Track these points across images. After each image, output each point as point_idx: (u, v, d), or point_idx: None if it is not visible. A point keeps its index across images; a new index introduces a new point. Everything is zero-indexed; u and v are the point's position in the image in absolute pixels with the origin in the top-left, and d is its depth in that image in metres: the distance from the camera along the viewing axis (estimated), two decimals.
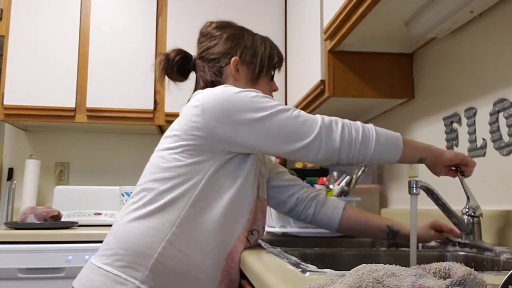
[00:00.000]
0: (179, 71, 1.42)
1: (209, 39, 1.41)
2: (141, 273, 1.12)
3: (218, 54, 1.37)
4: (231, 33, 1.40)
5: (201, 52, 1.41)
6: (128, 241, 1.16)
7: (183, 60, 1.41)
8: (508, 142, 1.34)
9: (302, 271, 0.84)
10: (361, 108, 2.30)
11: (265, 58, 1.41)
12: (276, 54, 1.46)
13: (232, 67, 1.36)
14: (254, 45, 1.41)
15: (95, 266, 1.18)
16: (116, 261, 1.15)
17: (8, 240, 2.16)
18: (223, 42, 1.38)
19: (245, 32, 1.43)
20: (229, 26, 1.43)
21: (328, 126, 1.17)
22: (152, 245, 1.14)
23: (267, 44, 1.44)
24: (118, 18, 2.79)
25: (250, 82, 1.39)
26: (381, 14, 1.61)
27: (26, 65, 2.67)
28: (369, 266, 0.63)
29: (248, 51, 1.39)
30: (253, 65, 1.39)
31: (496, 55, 1.42)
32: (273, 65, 1.45)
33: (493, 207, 1.40)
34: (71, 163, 3.04)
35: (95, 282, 1.15)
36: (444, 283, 0.56)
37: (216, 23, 1.44)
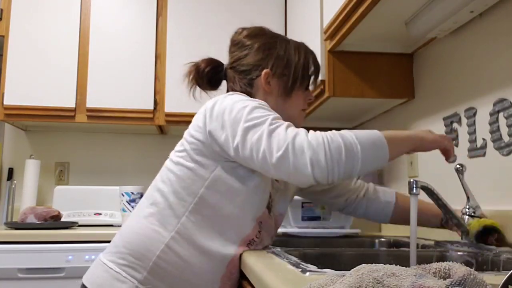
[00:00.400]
0: (210, 82, 1.38)
1: (239, 49, 1.35)
2: (140, 274, 1.13)
3: (249, 66, 1.32)
4: (262, 43, 1.33)
5: (232, 62, 1.36)
6: (130, 240, 1.18)
7: (214, 71, 1.37)
8: (508, 142, 1.34)
9: (302, 271, 0.84)
10: (361, 108, 2.30)
11: (299, 68, 1.33)
12: (312, 63, 1.38)
13: (263, 80, 1.30)
14: (287, 55, 1.33)
15: (101, 262, 1.20)
16: (119, 259, 1.17)
17: (8, 240, 2.16)
18: (254, 53, 1.32)
19: (277, 40, 1.36)
20: (261, 34, 1.36)
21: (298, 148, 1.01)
22: (152, 247, 1.14)
23: (301, 52, 1.36)
24: (118, 18, 2.79)
25: (282, 95, 1.32)
26: (381, 14, 1.62)
27: (26, 65, 2.67)
28: (369, 266, 0.63)
29: (280, 62, 1.32)
30: (285, 77, 1.32)
31: (496, 55, 1.42)
32: (308, 75, 1.37)
33: (493, 207, 1.40)
34: (71, 163, 3.04)
35: (98, 277, 1.18)
36: (444, 283, 0.56)
37: (248, 31, 1.37)
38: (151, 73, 2.76)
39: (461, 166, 1.37)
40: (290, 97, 1.33)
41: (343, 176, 1.02)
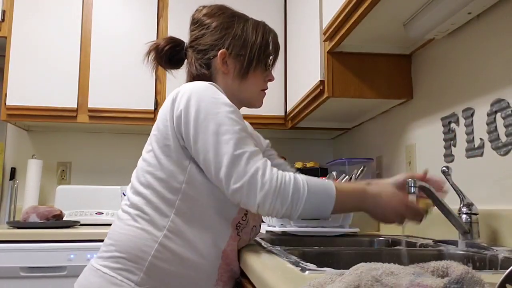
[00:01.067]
0: (170, 61, 1.37)
1: (198, 28, 1.33)
2: (136, 276, 1.12)
3: (206, 45, 1.30)
4: (220, 22, 1.31)
5: (190, 42, 1.35)
6: (123, 243, 1.16)
7: (173, 50, 1.35)
8: (505, 142, 1.35)
9: (302, 269, 0.84)
10: (360, 109, 2.31)
11: (255, 48, 1.31)
12: (271, 42, 1.35)
13: (219, 60, 1.28)
14: (244, 34, 1.31)
15: (94, 268, 1.18)
16: (113, 263, 1.15)
17: (11, 239, 2.17)
18: (211, 32, 1.30)
19: (235, 19, 1.33)
20: (220, 13, 1.33)
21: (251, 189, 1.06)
22: (146, 248, 1.14)
23: (259, 31, 1.33)
24: (120, 19, 2.80)
25: (238, 76, 1.30)
26: (380, 16, 1.62)
27: (28, 66, 2.68)
28: (368, 265, 0.63)
29: (237, 42, 1.30)
30: (242, 56, 1.30)
31: (493, 55, 1.44)
32: (266, 54, 1.34)
33: (490, 207, 1.41)
34: (73, 163, 3.05)
35: (93, 283, 1.16)
36: (442, 282, 0.56)
37: (207, 9, 1.35)
38: (152, 73, 2.76)
39: (447, 168, 1.38)
40: (247, 78, 1.31)
41: (281, 217, 1.10)
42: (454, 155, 1.63)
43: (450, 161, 1.65)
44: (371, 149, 2.44)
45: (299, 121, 2.58)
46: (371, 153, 2.43)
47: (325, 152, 3.23)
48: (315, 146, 3.24)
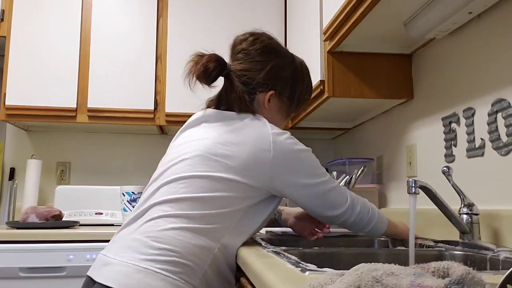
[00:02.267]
0: (212, 80, 1.37)
1: (249, 62, 1.37)
2: (194, 281, 1.18)
3: (255, 81, 1.36)
4: (273, 65, 1.38)
5: (238, 70, 1.36)
6: (183, 250, 1.18)
7: (219, 72, 1.36)
8: (506, 142, 1.34)
9: (302, 270, 0.84)
10: (361, 109, 2.31)
11: (300, 93, 1.45)
12: (310, 88, 1.51)
13: (266, 99, 1.38)
14: (293, 78, 1.43)
15: (150, 271, 1.14)
16: (174, 267, 1.16)
17: (10, 239, 2.16)
18: (265, 72, 1.36)
19: (285, 60, 1.42)
20: (273, 52, 1.40)
21: (352, 203, 1.34)
22: (203, 256, 1.21)
23: (305, 77, 1.47)
24: (119, 18, 2.80)
25: (281, 115, 1.44)
26: (380, 15, 1.62)
27: (28, 66, 2.68)
28: (368, 265, 0.63)
29: (286, 85, 1.41)
30: (286, 98, 1.42)
31: (494, 55, 1.43)
32: (306, 98, 1.50)
33: (491, 207, 1.40)
34: (72, 163, 3.05)
35: (156, 286, 1.13)
36: (442, 282, 0.56)
37: (260, 45, 1.39)
38: (152, 73, 2.77)
39: (447, 169, 1.38)
40: (287, 118, 1.49)
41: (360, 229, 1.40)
42: (454, 155, 1.63)
43: (451, 161, 1.64)
44: (372, 149, 2.44)
45: (299, 121, 2.58)
46: (372, 153, 2.42)
47: (325, 152, 3.23)
48: (315, 146, 3.21)
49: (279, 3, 2.91)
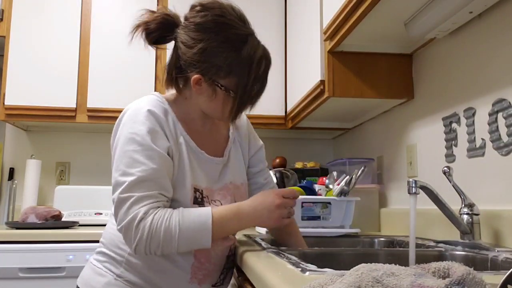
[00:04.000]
0: (156, 41, 1.29)
1: (185, 34, 1.22)
2: (117, 269, 1.23)
3: (186, 59, 1.21)
4: (207, 46, 1.18)
5: (179, 40, 1.24)
6: (107, 241, 1.29)
7: (162, 33, 1.28)
8: (507, 142, 1.34)
9: (302, 270, 0.84)
10: (361, 108, 2.31)
11: (247, 88, 1.21)
12: (261, 82, 1.23)
13: (192, 83, 1.22)
14: (229, 69, 1.19)
15: (89, 262, 1.32)
16: (100, 257, 1.28)
17: (9, 239, 2.16)
18: (194, 52, 1.19)
19: (226, 45, 1.19)
20: (214, 31, 1.19)
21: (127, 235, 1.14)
22: (123, 245, 1.22)
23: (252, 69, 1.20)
24: (119, 18, 2.79)
25: (220, 106, 1.24)
26: (381, 15, 1.62)
27: (27, 66, 2.68)
28: (369, 266, 0.63)
29: (218, 74, 1.20)
30: (223, 90, 1.21)
31: (495, 55, 1.43)
32: (252, 95, 1.24)
33: (492, 207, 1.40)
34: (71, 163, 3.05)
35: (84, 274, 1.30)
36: (443, 283, 0.56)
37: (201, 18, 1.21)
38: (152, 73, 2.77)
39: (448, 169, 1.38)
40: (232, 108, 1.24)
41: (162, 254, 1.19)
42: (455, 155, 1.63)
43: (451, 161, 1.64)
44: (372, 149, 2.44)
45: (300, 121, 2.58)
46: (372, 153, 2.42)
47: (326, 152, 3.23)
48: (315, 146, 3.24)
49: (279, 3, 2.91)
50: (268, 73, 1.25)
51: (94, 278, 1.25)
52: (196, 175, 1.25)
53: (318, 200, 1.83)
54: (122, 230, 1.14)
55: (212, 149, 1.32)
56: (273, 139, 3.15)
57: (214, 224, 1.15)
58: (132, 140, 1.20)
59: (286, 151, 3.09)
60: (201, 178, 1.26)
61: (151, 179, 1.16)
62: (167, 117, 1.25)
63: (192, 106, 1.30)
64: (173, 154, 1.22)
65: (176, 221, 1.13)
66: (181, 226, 1.13)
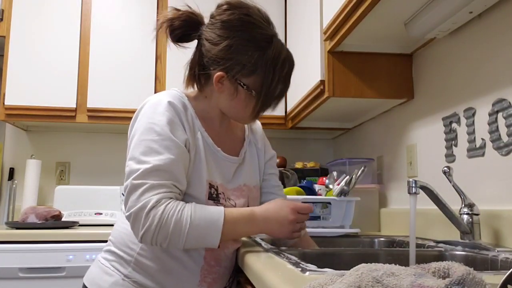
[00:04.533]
0: (180, 39, 1.29)
1: (211, 31, 1.23)
2: (125, 269, 1.22)
3: (210, 56, 1.22)
4: (232, 43, 1.19)
5: (204, 37, 1.25)
6: (116, 239, 1.28)
7: (186, 31, 1.27)
8: (507, 142, 1.34)
9: (302, 270, 0.84)
10: (361, 108, 2.31)
11: (270, 90, 1.22)
12: (283, 86, 1.25)
13: (215, 81, 1.22)
14: (254, 67, 1.20)
15: (97, 260, 1.31)
16: (109, 256, 1.27)
17: (9, 239, 2.16)
18: (219, 49, 1.20)
19: (252, 44, 1.20)
20: (239, 30, 1.20)
21: (135, 222, 1.12)
22: (132, 245, 1.23)
23: (277, 71, 1.21)
24: (119, 18, 2.79)
25: (240, 104, 1.25)
26: (381, 15, 1.62)
27: (27, 66, 2.68)
28: (369, 266, 0.63)
29: (242, 71, 1.20)
30: (245, 89, 1.22)
31: (495, 55, 1.43)
32: (273, 97, 1.25)
33: (492, 207, 1.40)
34: (71, 163, 3.05)
35: (91, 273, 1.29)
36: (443, 283, 0.56)
37: (228, 15, 1.21)
38: (152, 73, 2.77)
39: (448, 169, 1.38)
40: (252, 109, 1.25)
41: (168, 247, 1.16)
42: (455, 155, 1.62)
43: (451, 161, 1.64)
44: (372, 149, 2.43)
45: (300, 121, 2.58)
46: (372, 153, 2.42)
47: (326, 152, 3.23)
48: (315, 146, 3.24)
49: (279, 3, 2.91)
50: (291, 76, 1.27)
51: (101, 277, 1.24)
52: (211, 171, 1.24)
53: (318, 200, 1.83)
54: (131, 217, 1.11)
55: (228, 148, 1.32)
56: (273, 139, 3.12)
57: (225, 225, 1.13)
58: (151, 130, 1.17)
59: (286, 151, 3.09)
60: (216, 175, 1.26)
61: (166, 169, 1.13)
62: (186, 111, 1.25)
63: (212, 105, 1.29)
64: (190, 147, 1.21)
65: (188, 215, 1.11)
66: (192, 220, 1.11)
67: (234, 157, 1.33)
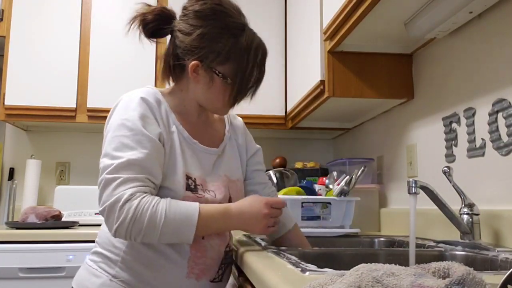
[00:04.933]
0: (152, 34, 1.34)
1: (184, 22, 1.26)
2: (112, 269, 1.22)
3: (185, 46, 1.24)
4: (206, 32, 1.22)
5: (176, 29, 1.27)
6: (102, 240, 1.27)
7: (158, 26, 1.31)
8: (507, 142, 1.34)
9: (302, 270, 0.84)
10: (361, 108, 2.31)
11: (244, 78, 1.24)
12: (258, 73, 1.27)
13: (189, 70, 1.24)
14: (228, 54, 1.22)
15: (84, 262, 1.30)
16: (96, 257, 1.26)
17: (9, 239, 2.16)
18: (193, 37, 1.22)
19: (225, 32, 1.22)
20: (211, 19, 1.23)
21: (109, 216, 1.11)
22: (118, 244, 1.22)
23: (251, 58, 1.23)
24: (119, 18, 2.79)
25: (216, 94, 1.27)
26: (381, 15, 1.62)
27: (27, 66, 2.68)
28: (369, 266, 0.63)
29: (216, 59, 1.22)
30: (220, 77, 1.23)
31: (495, 55, 1.43)
32: (248, 86, 1.27)
33: (492, 207, 1.40)
34: (71, 163, 3.05)
35: (80, 275, 1.29)
36: (443, 283, 0.56)
37: (201, 7, 1.24)
38: (152, 73, 2.77)
39: (448, 169, 1.38)
40: (228, 98, 1.27)
41: (143, 241, 1.15)
42: (455, 155, 1.63)
43: (451, 161, 1.64)
44: (372, 149, 2.43)
45: (300, 121, 2.58)
46: (372, 153, 2.42)
47: (326, 152, 3.23)
48: (315, 146, 3.24)
49: (279, 3, 2.91)
50: (265, 63, 1.28)
51: (89, 279, 1.24)
52: (188, 164, 1.25)
53: (318, 200, 1.83)
54: (105, 211, 1.10)
55: (206, 141, 1.32)
56: (273, 139, 3.16)
57: (200, 220, 1.14)
58: (123, 126, 1.18)
59: (286, 151, 3.09)
60: (194, 167, 1.26)
61: (140, 163, 1.13)
62: (160, 106, 1.26)
63: (188, 97, 1.31)
64: (165, 141, 1.21)
65: (163, 209, 1.11)
66: (167, 215, 1.11)
67: (213, 149, 1.33)
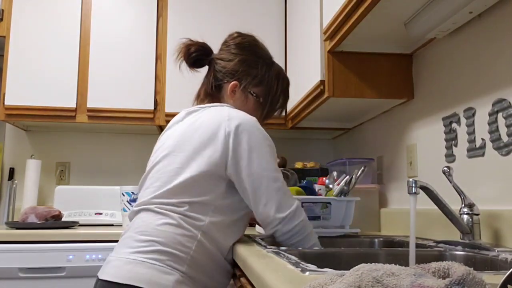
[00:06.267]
0: (194, 63, 1.56)
1: (226, 51, 1.55)
2: (182, 267, 1.28)
3: (226, 71, 1.52)
4: (245, 59, 1.52)
5: (217, 58, 1.55)
6: (165, 240, 1.30)
7: (199, 56, 1.55)
8: (507, 142, 1.34)
9: (302, 270, 0.84)
10: (361, 109, 2.31)
11: (273, 101, 1.57)
12: (283, 100, 1.61)
13: (229, 89, 1.51)
14: (262, 79, 1.54)
15: (138, 261, 1.27)
16: (160, 256, 1.28)
17: (9, 239, 2.16)
18: (234, 63, 1.51)
19: (260, 61, 1.55)
20: (250, 49, 1.55)
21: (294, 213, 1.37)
22: (188, 243, 1.31)
23: (279, 86, 1.57)
24: (119, 18, 2.80)
25: (249, 111, 1.48)
26: (381, 15, 1.62)
27: (27, 66, 2.68)
28: (369, 266, 0.63)
29: (252, 81, 1.52)
30: (254, 97, 1.53)
31: (495, 55, 1.43)
32: (275, 108, 1.60)
33: (492, 207, 1.40)
34: (71, 163, 3.05)
35: (144, 274, 1.25)
36: (443, 283, 0.56)
37: (241, 39, 1.56)
38: (152, 73, 2.77)
39: (448, 169, 1.38)
40: (259, 115, 1.55)
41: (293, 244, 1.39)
42: (455, 155, 1.63)
43: (451, 161, 1.64)
44: (372, 149, 2.43)
45: (300, 121, 2.58)
46: (372, 153, 2.42)
47: (326, 152, 3.23)
48: (315, 146, 3.24)
49: (279, 3, 2.91)
50: (289, 91, 1.64)
51: (161, 276, 1.25)
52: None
53: (318, 200, 1.83)
54: (294, 209, 1.35)
55: None
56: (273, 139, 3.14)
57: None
58: (269, 145, 1.43)
59: (286, 151, 3.09)
60: None
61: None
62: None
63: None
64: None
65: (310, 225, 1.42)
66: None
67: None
